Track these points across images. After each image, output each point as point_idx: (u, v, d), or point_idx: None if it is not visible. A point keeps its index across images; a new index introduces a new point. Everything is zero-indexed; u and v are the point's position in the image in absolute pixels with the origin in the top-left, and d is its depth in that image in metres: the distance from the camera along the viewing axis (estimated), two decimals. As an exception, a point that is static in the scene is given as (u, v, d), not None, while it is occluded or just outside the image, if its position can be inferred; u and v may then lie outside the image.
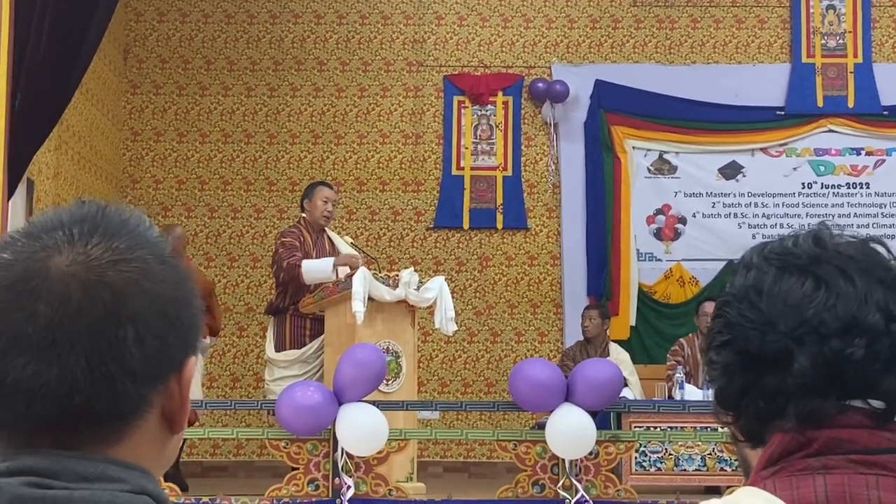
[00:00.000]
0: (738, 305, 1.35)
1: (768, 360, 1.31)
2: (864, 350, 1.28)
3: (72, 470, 1.05)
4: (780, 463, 1.30)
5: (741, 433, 1.37)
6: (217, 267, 10.69)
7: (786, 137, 10.88)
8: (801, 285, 1.32)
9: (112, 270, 1.07)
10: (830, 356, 1.28)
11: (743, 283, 1.36)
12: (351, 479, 6.51)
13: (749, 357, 1.33)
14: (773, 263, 1.35)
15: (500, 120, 10.95)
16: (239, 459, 10.34)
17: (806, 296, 1.31)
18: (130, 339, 1.06)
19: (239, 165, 10.87)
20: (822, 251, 1.34)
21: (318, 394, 6.44)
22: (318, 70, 10.97)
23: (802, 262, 1.33)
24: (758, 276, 1.35)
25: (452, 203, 10.85)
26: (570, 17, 11.05)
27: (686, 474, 7.60)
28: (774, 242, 1.39)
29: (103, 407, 1.06)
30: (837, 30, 10.92)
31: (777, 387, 1.30)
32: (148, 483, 1.08)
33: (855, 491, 1.25)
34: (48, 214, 1.13)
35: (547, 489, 6.61)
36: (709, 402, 7.86)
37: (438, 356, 10.64)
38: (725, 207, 10.87)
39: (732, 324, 1.35)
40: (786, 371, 1.30)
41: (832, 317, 1.29)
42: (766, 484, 1.29)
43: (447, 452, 10.39)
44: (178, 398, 1.13)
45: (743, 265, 1.39)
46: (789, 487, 1.27)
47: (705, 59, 11.01)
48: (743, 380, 1.33)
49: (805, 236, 1.36)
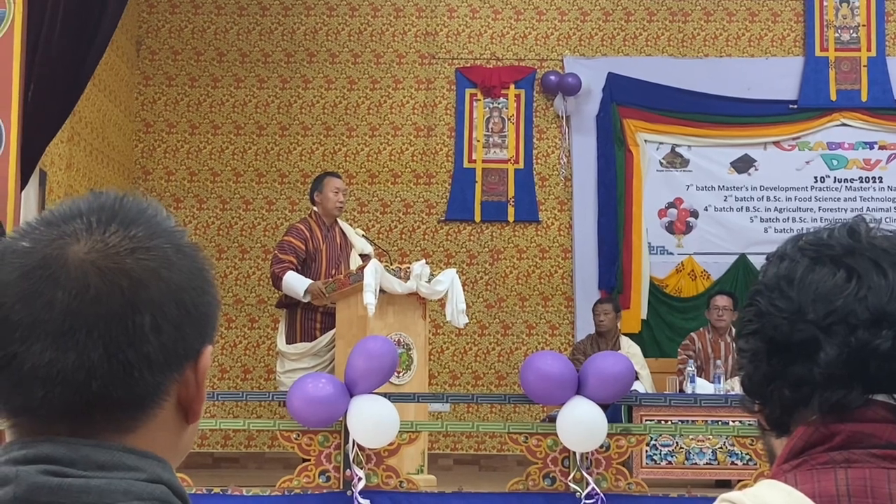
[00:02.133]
0: (768, 294, 1.35)
1: (796, 348, 1.31)
2: (891, 342, 1.28)
3: (88, 458, 1.05)
4: (803, 456, 1.29)
5: (767, 422, 1.36)
6: (229, 259, 10.70)
7: (798, 131, 10.84)
8: (832, 276, 1.32)
9: (130, 258, 1.08)
10: (857, 347, 1.28)
11: (775, 273, 1.36)
12: (362, 470, 6.52)
13: (777, 345, 1.33)
14: (807, 254, 1.35)
15: (512, 113, 10.94)
16: (250, 451, 10.35)
17: (837, 286, 1.31)
18: (147, 326, 1.06)
19: (251, 157, 10.87)
20: (856, 243, 1.34)
21: (329, 385, 6.45)
22: (329, 62, 10.97)
23: (836, 253, 1.33)
24: (790, 266, 1.35)
25: (464, 196, 10.84)
26: (583, 10, 11.02)
27: (697, 468, 7.60)
28: (809, 234, 1.38)
29: (120, 394, 1.06)
30: (851, 23, 10.88)
31: (803, 376, 1.30)
32: (164, 472, 1.08)
33: (876, 485, 1.25)
34: (66, 203, 1.13)
35: (558, 482, 6.61)
36: (720, 396, 7.87)
37: (449, 349, 10.64)
38: (738, 201, 10.84)
39: (763, 312, 1.34)
40: (813, 361, 1.30)
41: (862, 308, 1.29)
42: (787, 477, 1.29)
43: (458, 445, 10.40)
44: (194, 387, 1.13)
45: (777, 255, 1.39)
46: (811, 480, 1.27)
47: (718, 52, 10.98)
48: (770, 368, 1.33)
49: (840, 228, 1.36)
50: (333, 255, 8.22)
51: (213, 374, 10.32)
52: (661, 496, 6.85)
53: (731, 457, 7.55)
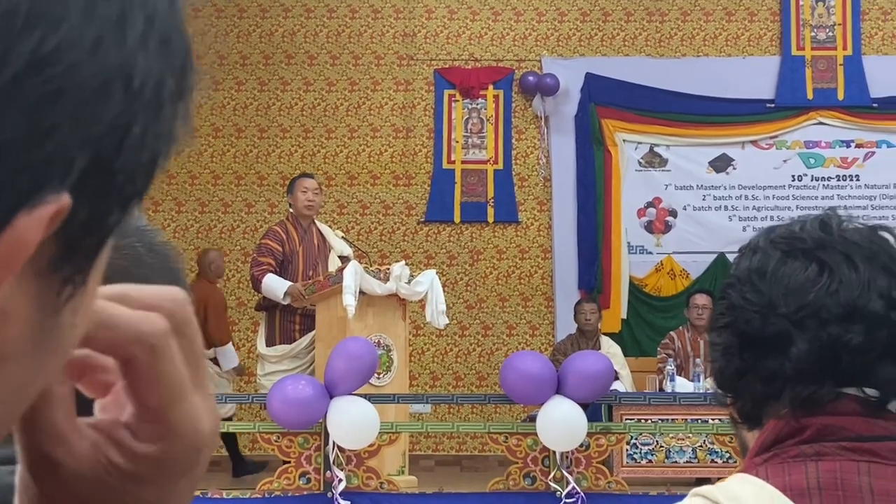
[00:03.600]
0: (740, 287, 1.35)
1: (768, 342, 1.31)
2: (862, 337, 1.28)
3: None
4: (774, 449, 1.30)
5: (739, 415, 1.37)
6: (208, 261, 10.67)
7: (776, 130, 10.89)
8: (804, 269, 1.32)
9: None
10: (828, 341, 1.28)
11: (748, 266, 1.36)
12: (342, 472, 6.52)
13: (749, 339, 1.33)
14: (779, 247, 1.35)
15: (491, 113, 10.95)
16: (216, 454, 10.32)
17: (809, 280, 1.31)
18: None
19: (229, 160, 10.85)
20: (827, 237, 1.34)
21: (309, 387, 6.45)
22: (308, 64, 10.96)
23: (808, 246, 1.34)
24: (762, 259, 1.35)
25: (443, 197, 10.84)
26: (561, 11, 11.04)
27: (677, 466, 7.62)
28: (782, 227, 1.39)
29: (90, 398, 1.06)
30: (827, 22, 10.93)
31: (775, 370, 1.30)
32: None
33: (846, 477, 1.26)
34: None
35: (538, 481, 6.62)
36: (699, 395, 7.89)
37: (430, 350, 10.64)
38: (716, 200, 10.88)
39: (735, 306, 1.35)
40: (784, 355, 1.30)
41: (833, 302, 1.29)
42: (758, 470, 1.29)
43: (439, 446, 10.40)
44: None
45: (749, 248, 1.39)
46: (782, 474, 1.27)
47: (695, 51, 11.01)
48: (742, 362, 1.34)
49: (812, 221, 1.36)
50: (311, 256, 8.22)
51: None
52: (642, 494, 6.87)
53: (711, 455, 7.57)
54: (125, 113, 0.52)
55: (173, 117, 0.56)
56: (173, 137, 0.57)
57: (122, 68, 0.51)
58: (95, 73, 0.51)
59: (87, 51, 0.50)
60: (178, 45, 0.56)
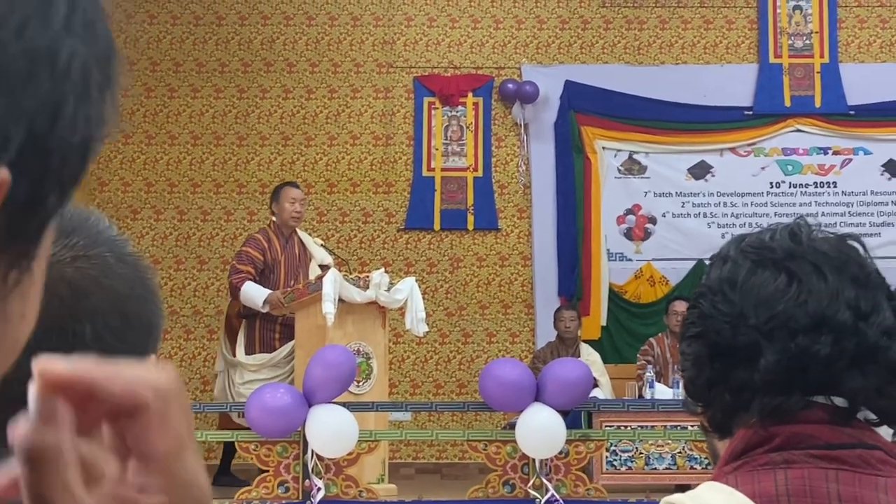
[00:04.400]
0: (711, 297, 1.36)
1: (737, 353, 1.32)
2: (829, 348, 1.29)
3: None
4: (743, 458, 1.31)
5: (709, 425, 1.38)
6: (187, 270, 10.64)
7: (754, 137, 10.94)
8: (774, 280, 1.33)
9: (70, 267, 1.07)
10: (797, 352, 1.29)
11: (718, 276, 1.37)
12: (321, 480, 6.50)
13: (719, 350, 1.34)
14: (749, 257, 1.36)
15: (471, 121, 10.96)
16: (209, 463, 10.27)
17: (778, 290, 1.32)
18: (88, 336, 1.06)
19: (208, 168, 10.83)
20: (797, 246, 1.35)
21: (287, 395, 6.44)
22: (287, 72, 10.95)
23: (777, 256, 1.34)
24: (733, 269, 1.36)
25: (423, 204, 10.84)
26: (540, 18, 11.07)
27: (656, 473, 7.63)
28: (752, 236, 1.40)
29: None
30: (804, 30, 10.99)
31: (744, 381, 1.31)
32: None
33: (815, 484, 1.26)
34: None
35: (517, 489, 6.62)
36: (679, 402, 7.90)
37: (410, 357, 10.63)
38: (695, 207, 10.92)
39: (705, 315, 1.36)
40: (753, 366, 1.31)
41: (802, 313, 1.30)
42: (728, 479, 1.30)
43: (419, 454, 10.39)
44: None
45: (720, 257, 1.40)
46: (751, 481, 1.28)
47: (674, 59, 11.06)
48: (712, 372, 1.35)
49: (782, 230, 1.37)
50: (292, 265, 8.21)
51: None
52: (621, 501, 6.88)
53: (691, 461, 7.58)
54: (54, 92, 0.55)
55: (102, 102, 0.59)
56: (103, 122, 0.59)
57: (49, 49, 0.55)
58: (23, 51, 0.54)
59: (14, 31, 0.53)
60: (102, 31, 0.59)
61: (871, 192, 10.88)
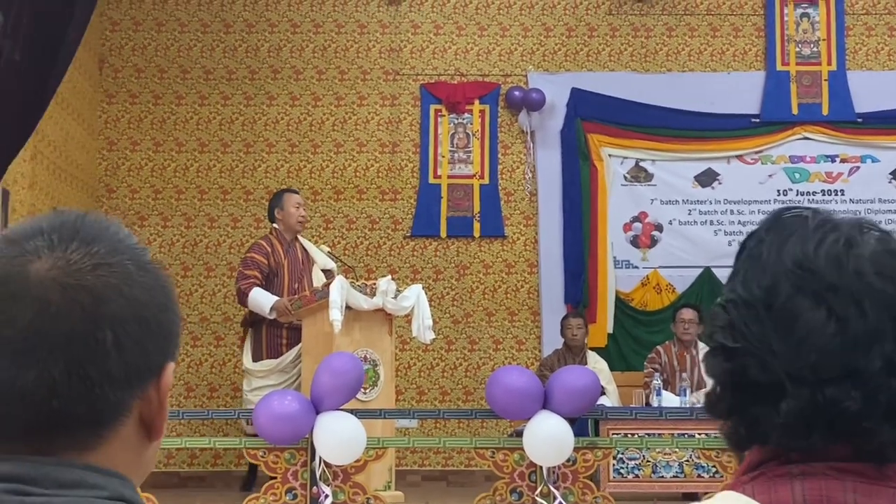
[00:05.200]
0: (745, 311, 1.29)
1: (760, 390, 1.27)
2: (861, 404, 1.23)
3: (50, 476, 1.04)
4: (761, 468, 1.29)
5: (727, 440, 1.35)
6: (194, 276, 10.65)
7: (761, 145, 10.93)
8: (812, 312, 1.25)
9: (91, 275, 1.08)
10: (824, 405, 1.23)
11: (757, 284, 1.29)
12: (329, 487, 6.50)
13: (740, 381, 1.28)
14: (790, 278, 1.27)
15: (477, 128, 10.96)
16: (217, 469, 10.29)
17: (813, 330, 1.24)
18: (109, 342, 1.06)
19: (216, 175, 10.84)
20: (840, 275, 1.26)
21: (295, 402, 6.44)
22: (294, 79, 10.96)
23: (818, 286, 1.26)
24: (771, 287, 1.28)
25: (429, 211, 10.85)
26: (546, 26, 11.08)
27: (664, 481, 7.63)
28: (797, 237, 1.29)
29: (81, 411, 1.06)
30: (811, 38, 10.99)
31: (760, 419, 1.27)
32: (126, 490, 1.08)
33: (832, 495, 1.25)
34: (28, 222, 1.13)
35: (525, 496, 6.61)
36: (686, 409, 7.90)
37: (416, 364, 10.63)
38: (702, 215, 10.90)
39: (734, 326, 1.29)
40: (774, 408, 1.25)
41: (835, 361, 1.23)
42: (745, 488, 1.29)
43: (425, 461, 10.38)
44: (156, 404, 1.13)
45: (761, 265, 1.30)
46: (767, 491, 1.27)
47: (681, 67, 11.06)
48: (730, 403, 1.30)
49: (831, 246, 1.28)
50: (295, 270, 8.23)
51: (179, 392, 10.27)
52: (629, 509, 6.87)
53: (698, 469, 7.58)
54: None
55: None
56: None
57: None
58: None
59: None
60: None
61: (878, 199, 10.87)
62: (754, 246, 1.34)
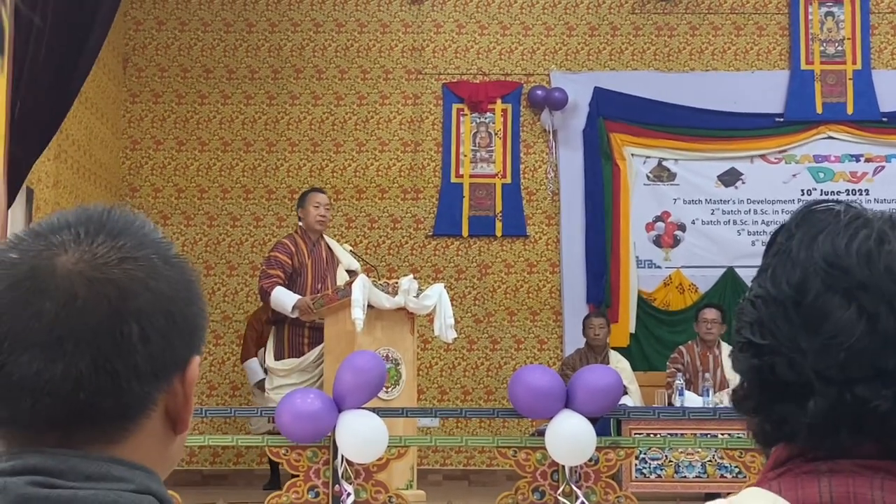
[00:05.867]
0: (774, 309, 1.27)
1: (787, 388, 1.25)
2: (891, 403, 1.21)
3: (76, 469, 1.05)
4: (787, 465, 1.29)
5: (754, 437, 1.34)
6: (217, 275, 10.68)
7: (785, 144, 10.88)
8: (842, 312, 1.23)
9: (117, 268, 1.08)
10: (853, 404, 1.22)
11: (786, 280, 1.27)
12: (351, 486, 6.51)
13: (768, 378, 1.27)
14: (820, 274, 1.26)
15: (499, 127, 10.96)
16: (239, 468, 10.32)
17: (843, 329, 1.23)
18: (135, 336, 1.07)
19: (238, 174, 10.87)
20: (871, 272, 1.24)
21: (317, 401, 6.44)
22: (316, 78, 10.98)
23: (849, 284, 1.24)
24: (801, 284, 1.27)
25: (451, 211, 10.85)
26: (569, 25, 11.06)
27: (686, 481, 7.61)
28: (828, 233, 1.28)
29: (108, 405, 1.06)
30: (836, 36, 10.93)
31: (787, 418, 1.25)
32: (152, 483, 1.08)
33: (860, 492, 1.24)
34: (54, 216, 1.13)
35: (547, 496, 6.61)
36: (709, 409, 7.87)
37: (438, 364, 10.63)
38: (725, 214, 10.87)
39: (763, 323, 1.27)
40: (801, 406, 1.24)
41: (865, 362, 1.22)
42: (771, 485, 1.28)
43: (447, 460, 10.38)
44: (181, 397, 1.13)
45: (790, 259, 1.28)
46: (794, 488, 1.26)
47: (704, 66, 11.02)
48: (757, 400, 1.29)
49: (863, 241, 1.27)
50: (319, 269, 8.25)
51: (201, 390, 10.30)
52: (651, 509, 6.85)
53: (721, 469, 7.56)
54: None
55: None
56: None
57: None
58: None
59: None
60: None
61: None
62: (784, 241, 1.31)
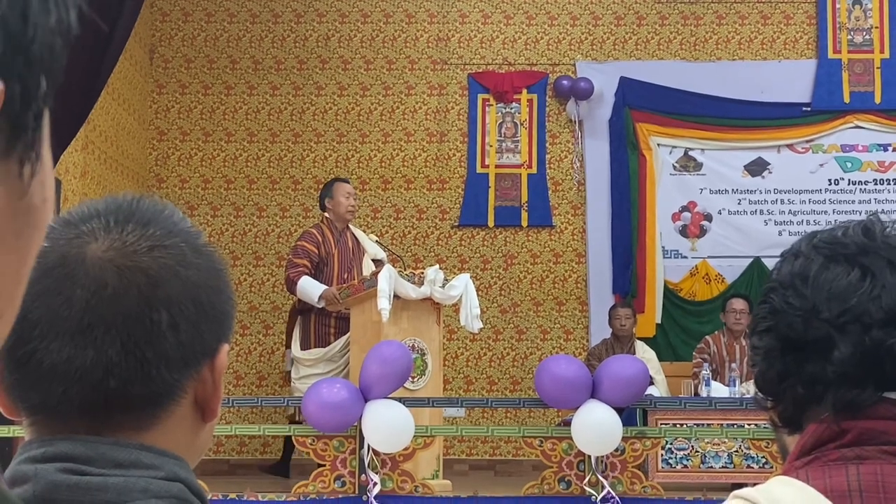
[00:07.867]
0: (783, 292, 1.36)
1: (809, 346, 1.32)
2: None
3: (106, 456, 1.06)
4: (814, 453, 1.30)
5: (779, 419, 1.37)
6: (243, 266, 10.72)
7: (812, 134, 10.82)
8: (847, 274, 1.32)
9: (147, 256, 1.09)
10: (871, 346, 1.28)
11: (790, 271, 1.37)
12: (377, 475, 6.53)
13: (791, 343, 1.33)
14: (822, 252, 1.36)
15: (525, 118, 10.94)
16: (266, 457, 10.36)
17: (851, 285, 1.32)
18: (165, 323, 1.07)
19: (264, 164, 10.90)
20: (870, 242, 1.34)
21: (344, 391, 6.47)
22: (342, 69, 10.99)
23: (850, 251, 1.34)
24: (805, 264, 1.36)
25: (477, 201, 10.84)
26: (595, 14, 11.03)
27: (713, 471, 7.58)
28: (824, 232, 1.39)
29: (137, 392, 1.07)
30: (864, 25, 10.86)
31: (816, 374, 1.31)
32: (181, 470, 1.09)
33: (888, 480, 1.25)
34: (84, 204, 1.14)
35: (573, 486, 6.61)
36: (735, 399, 7.85)
37: (464, 354, 10.64)
38: (751, 204, 10.82)
39: (777, 310, 1.36)
40: (826, 359, 1.30)
41: (876, 307, 1.30)
42: (799, 473, 1.29)
43: (473, 450, 10.39)
44: (210, 385, 1.13)
45: (792, 253, 1.40)
46: (822, 476, 1.27)
47: (731, 55, 10.97)
48: (783, 365, 1.34)
49: (855, 227, 1.37)
50: (345, 259, 8.26)
51: (228, 380, 10.34)
52: (677, 500, 6.84)
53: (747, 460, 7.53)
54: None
55: None
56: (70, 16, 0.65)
57: None
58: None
59: None
60: None
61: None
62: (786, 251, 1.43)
